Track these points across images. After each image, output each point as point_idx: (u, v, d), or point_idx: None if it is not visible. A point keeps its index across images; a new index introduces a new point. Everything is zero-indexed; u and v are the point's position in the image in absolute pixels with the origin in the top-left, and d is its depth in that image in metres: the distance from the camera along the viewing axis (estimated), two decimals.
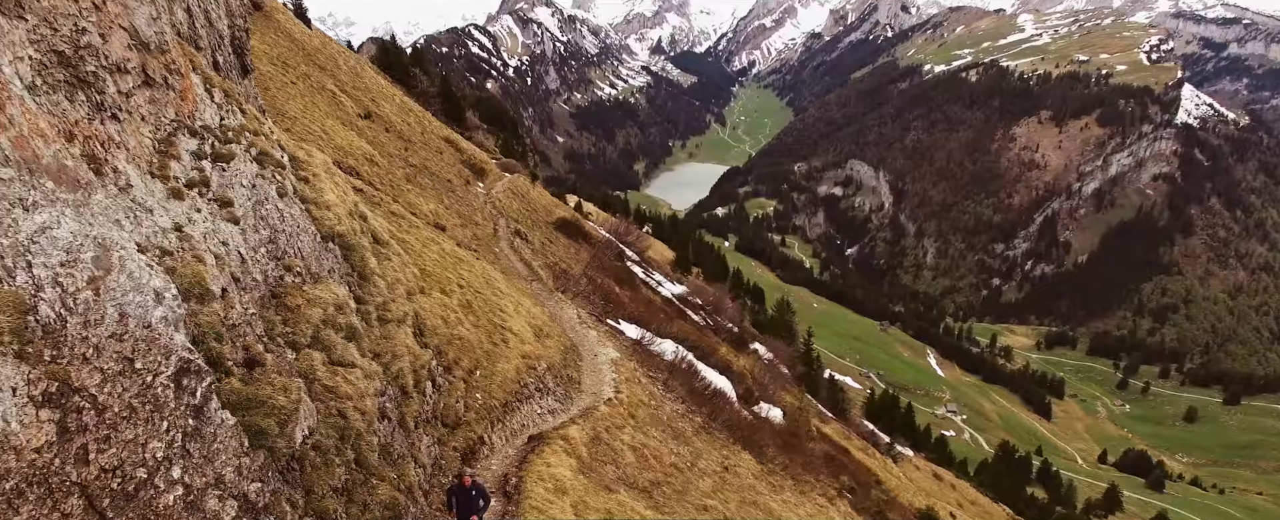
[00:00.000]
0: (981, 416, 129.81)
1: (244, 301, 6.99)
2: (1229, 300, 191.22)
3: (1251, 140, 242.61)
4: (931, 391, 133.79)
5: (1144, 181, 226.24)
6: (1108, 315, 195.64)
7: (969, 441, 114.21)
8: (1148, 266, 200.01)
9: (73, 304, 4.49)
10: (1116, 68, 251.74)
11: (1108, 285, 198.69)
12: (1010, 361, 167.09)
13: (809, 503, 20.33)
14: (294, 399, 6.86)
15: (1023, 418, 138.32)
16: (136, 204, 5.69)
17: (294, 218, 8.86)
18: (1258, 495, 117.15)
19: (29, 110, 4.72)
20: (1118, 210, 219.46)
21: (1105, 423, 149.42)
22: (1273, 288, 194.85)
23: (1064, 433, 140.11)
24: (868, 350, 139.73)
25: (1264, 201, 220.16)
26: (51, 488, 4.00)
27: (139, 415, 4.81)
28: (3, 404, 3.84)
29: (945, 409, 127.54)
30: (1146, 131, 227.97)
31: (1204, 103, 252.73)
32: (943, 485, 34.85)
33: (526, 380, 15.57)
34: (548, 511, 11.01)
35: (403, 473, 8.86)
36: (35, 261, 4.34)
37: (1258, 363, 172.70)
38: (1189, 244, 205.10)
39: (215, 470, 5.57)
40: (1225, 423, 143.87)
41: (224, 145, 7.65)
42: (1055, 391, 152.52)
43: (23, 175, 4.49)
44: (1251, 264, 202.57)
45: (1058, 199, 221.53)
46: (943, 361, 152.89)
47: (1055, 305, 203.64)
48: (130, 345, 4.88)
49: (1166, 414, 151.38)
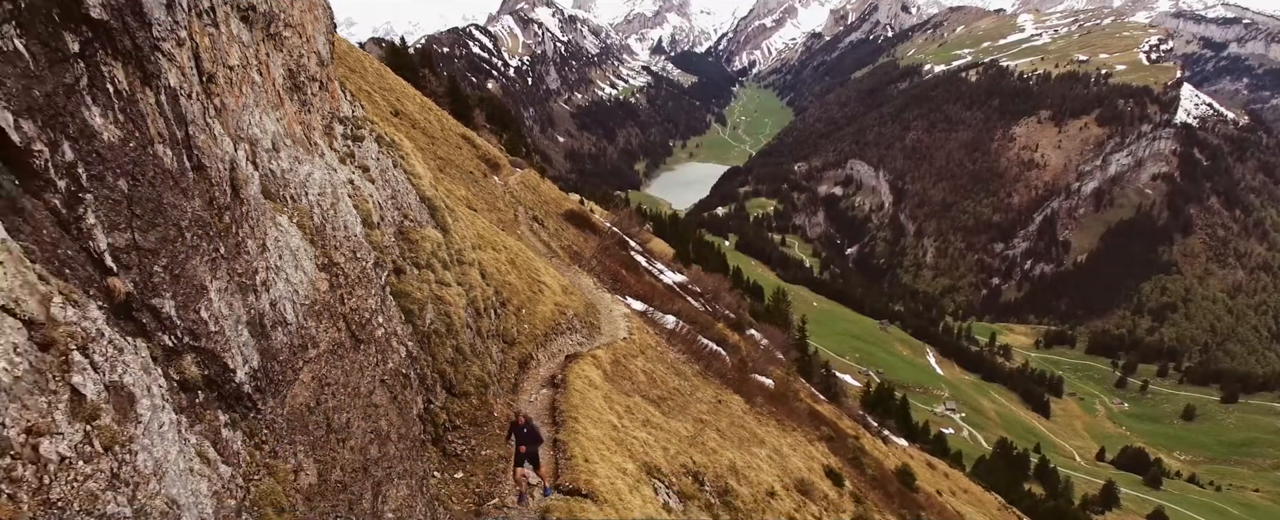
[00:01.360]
0: (980, 414, 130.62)
1: (387, 232, 11.09)
2: (1228, 299, 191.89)
3: (1251, 140, 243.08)
4: (930, 390, 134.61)
5: (1143, 181, 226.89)
6: (1107, 314, 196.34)
7: (968, 439, 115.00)
8: (1147, 266, 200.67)
9: (325, 216, 8.31)
10: (1116, 68, 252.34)
11: (1107, 284, 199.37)
12: (1009, 360, 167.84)
13: (789, 437, 23.23)
14: (424, 294, 11.49)
15: (1021, 416, 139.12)
16: (329, 164, 9.16)
17: (402, 181, 13.03)
18: (1254, 492, 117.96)
19: (288, 105, 8.07)
20: (1117, 210, 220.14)
21: (1104, 421, 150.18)
22: (1272, 287, 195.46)
23: (1062, 431, 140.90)
24: (867, 349, 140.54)
25: (1263, 201, 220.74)
26: (332, 314, 7.80)
27: (361, 282, 8.71)
28: (307, 266, 7.48)
29: (944, 407, 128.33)
30: (1146, 131, 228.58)
31: (1203, 102, 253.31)
32: (936, 474, 35.69)
33: (559, 320, 19.42)
34: (586, 396, 15.17)
35: (484, 364, 13.43)
36: (309, 192, 8.03)
37: (1257, 362, 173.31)
38: (1188, 243, 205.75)
39: (393, 327, 9.76)
40: (1223, 421, 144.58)
41: (357, 130, 11.44)
42: (1054, 390, 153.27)
43: (294, 144, 8.00)
44: (1250, 263, 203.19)
45: (1057, 198, 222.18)
46: (942, 360, 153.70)
47: (1055, 304, 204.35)
48: (352, 244, 8.83)
49: (1165, 412, 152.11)
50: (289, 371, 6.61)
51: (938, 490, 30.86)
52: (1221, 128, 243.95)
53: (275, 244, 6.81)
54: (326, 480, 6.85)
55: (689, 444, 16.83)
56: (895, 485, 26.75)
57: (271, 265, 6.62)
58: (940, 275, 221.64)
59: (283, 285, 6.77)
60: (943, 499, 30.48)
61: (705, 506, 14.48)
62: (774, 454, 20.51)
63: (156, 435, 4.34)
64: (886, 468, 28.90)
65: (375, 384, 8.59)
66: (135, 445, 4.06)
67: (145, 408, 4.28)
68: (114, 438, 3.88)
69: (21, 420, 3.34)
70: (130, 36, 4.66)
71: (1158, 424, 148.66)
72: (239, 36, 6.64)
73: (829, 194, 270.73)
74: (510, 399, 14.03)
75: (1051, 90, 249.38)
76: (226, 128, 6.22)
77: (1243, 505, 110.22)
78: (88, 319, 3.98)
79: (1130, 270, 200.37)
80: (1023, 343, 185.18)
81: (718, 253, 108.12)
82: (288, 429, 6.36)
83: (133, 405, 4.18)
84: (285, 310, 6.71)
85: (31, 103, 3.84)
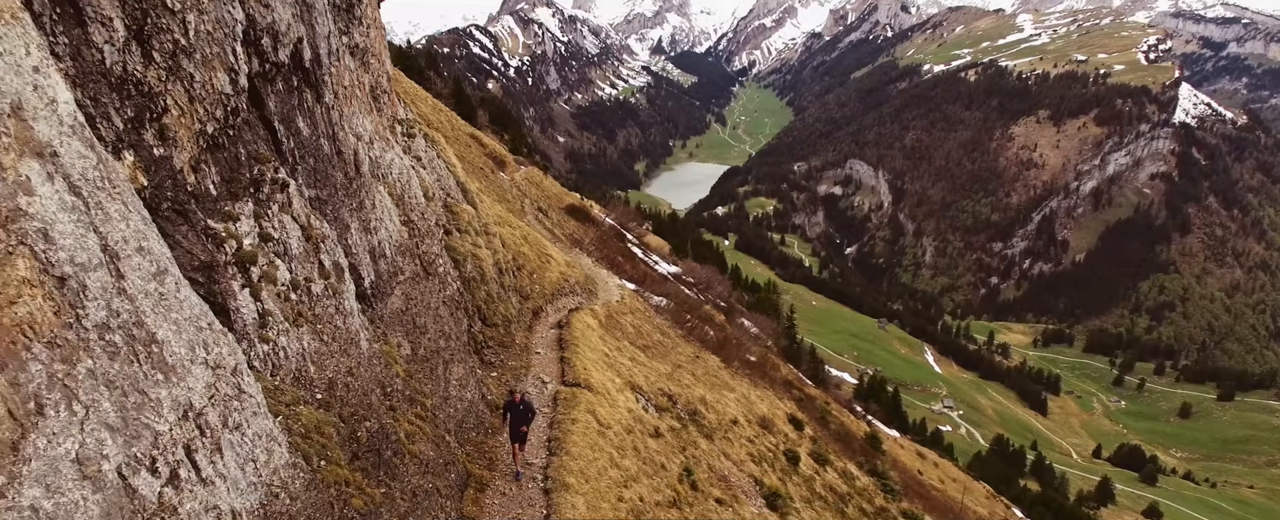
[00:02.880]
0: (978, 412, 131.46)
1: (437, 204, 15.36)
2: (1226, 298, 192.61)
3: (1249, 139, 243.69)
4: (928, 388, 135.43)
5: (1141, 181, 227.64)
6: (1105, 313, 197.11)
7: (965, 436, 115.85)
8: (1145, 265, 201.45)
9: (403, 189, 12.56)
10: (1114, 67, 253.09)
11: (1105, 284, 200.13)
12: (1007, 358, 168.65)
13: (760, 392, 26.19)
14: (465, 250, 15.88)
15: (1019, 413, 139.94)
16: (398, 154, 12.93)
17: (443, 169, 17.42)
18: (1248, 488, 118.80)
19: (373, 111, 11.45)
20: (1115, 209, 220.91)
21: (1101, 418, 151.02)
22: (1269, 286, 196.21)
23: (1059, 428, 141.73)
24: (865, 347, 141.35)
25: (1261, 200, 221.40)
26: (412, 254, 11.90)
27: (427, 235, 13.17)
28: (396, 220, 11.41)
29: (942, 404, 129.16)
30: (1144, 131, 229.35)
31: (1202, 102, 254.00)
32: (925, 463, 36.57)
33: (563, 284, 23.68)
34: (585, 333, 19.15)
35: (507, 307, 17.77)
36: (392, 172, 12.29)
37: (1254, 360, 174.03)
38: (1186, 242, 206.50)
39: (448, 269, 14.27)
40: (1219, 418, 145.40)
41: (410, 129, 15.58)
42: (1051, 388, 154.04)
43: (380, 139, 11.82)
44: (1248, 262, 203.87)
45: (1055, 198, 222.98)
46: (940, 358, 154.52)
47: (1053, 303, 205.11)
48: (420, 208, 13.25)
49: (1161, 410, 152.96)
50: (389, 286, 10.49)
51: (918, 470, 31.89)
52: (1220, 127, 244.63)
53: (378, 204, 10.61)
54: (416, 354, 10.87)
55: (666, 378, 20.24)
56: (859, 442, 27.84)
57: (378, 217, 10.45)
58: (939, 274, 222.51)
59: (383, 231, 10.62)
60: (922, 477, 31.61)
61: (676, 419, 17.56)
62: (742, 399, 23.29)
63: (352, 311, 8.54)
64: (853, 430, 30.21)
65: (439, 303, 12.81)
66: (345, 301, 8.34)
67: (349, 287, 8.52)
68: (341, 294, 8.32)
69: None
70: (309, 68, 8.00)
71: (1154, 422, 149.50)
72: (348, 65, 9.97)
73: (828, 193, 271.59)
74: (526, 334, 18.31)
75: (1050, 90, 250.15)
76: (348, 127, 9.65)
77: (1236, 501, 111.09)
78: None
79: (1128, 269, 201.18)
80: (1021, 341, 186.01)
81: (716, 251, 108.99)
82: (390, 322, 10.24)
83: (341, 280, 8.24)
84: (385, 248, 10.57)
85: (282, 114, 7.46)
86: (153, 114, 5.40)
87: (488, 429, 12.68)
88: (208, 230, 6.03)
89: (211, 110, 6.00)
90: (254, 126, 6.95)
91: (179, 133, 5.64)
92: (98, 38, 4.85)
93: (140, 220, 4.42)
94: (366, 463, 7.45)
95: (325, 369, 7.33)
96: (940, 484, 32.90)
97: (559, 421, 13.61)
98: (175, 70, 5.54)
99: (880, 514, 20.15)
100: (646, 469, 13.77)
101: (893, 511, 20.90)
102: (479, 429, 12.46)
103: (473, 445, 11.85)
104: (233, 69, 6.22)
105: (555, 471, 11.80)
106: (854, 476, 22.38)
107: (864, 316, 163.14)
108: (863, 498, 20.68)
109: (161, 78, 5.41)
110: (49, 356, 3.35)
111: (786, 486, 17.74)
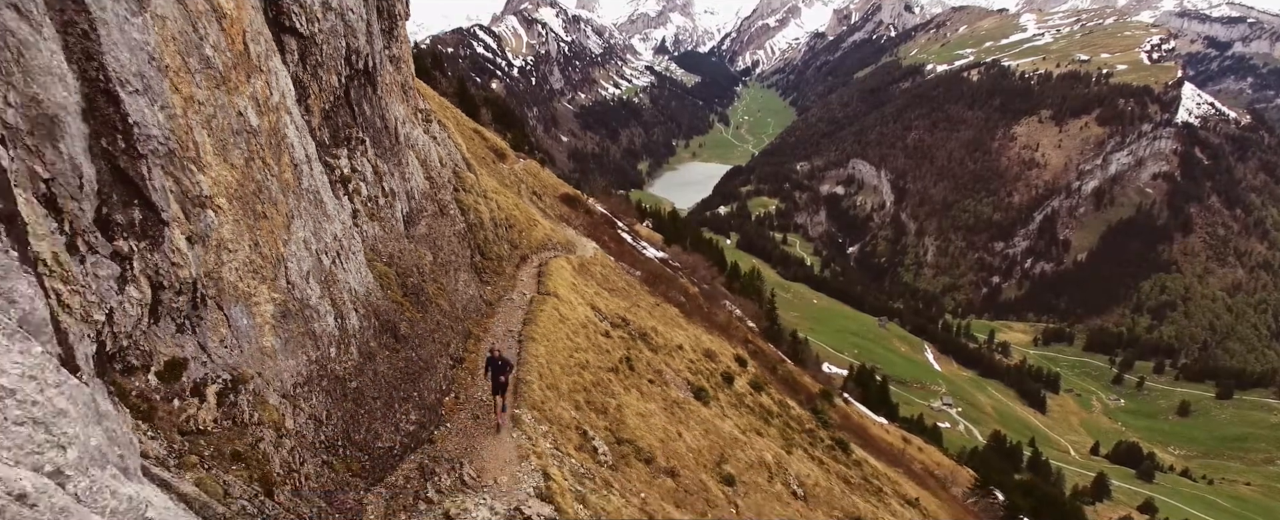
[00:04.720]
0: (977, 410, 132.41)
1: (448, 170, 22.46)
2: (1228, 298, 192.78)
3: (1252, 139, 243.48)
4: (928, 385, 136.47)
5: (1143, 180, 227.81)
6: (1107, 313, 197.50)
7: (964, 433, 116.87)
8: (1146, 264, 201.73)
9: (425, 155, 20.13)
10: (1117, 67, 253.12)
11: (1107, 283, 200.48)
12: (1007, 357, 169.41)
13: (713, 336, 30.22)
14: (469, 203, 22.90)
15: (1017, 411, 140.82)
16: (419, 131, 20.12)
17: (452, 146, 24.24)
18: (1245, 485, 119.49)
19: (405, 101, 18.79)
20: (1117, 209, 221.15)
21: (1099, 416, 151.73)
22: (1271, 285, 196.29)
23: (1058, 426, 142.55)
24: (866, 345, 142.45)
25: (1264, 200, 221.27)
26: (432, 200, 19.39)
27: (443, 188, 20.87)
28: (421, 175, 18.74)
29: (941, 402, 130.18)
30: (1146, 130, 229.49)
31: (1205, 102, 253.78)
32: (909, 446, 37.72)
33: (546, 243, 29.19)
34: (560, 272, 24.55)
35: (500, 249, 23.88)
36: (417, 144, 19.71)
37: (1256, 359, 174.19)
38: (1188, 242, 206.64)
39: (458, 214, 21.77)
40: (1217, 416, 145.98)
41: (428, 116, 22.12)
42: (1051, 386, 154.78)
43: (408, 120, 18.86)
44: (1250, 262, 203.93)
45: (1057, 197, 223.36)
46: (940, 356, 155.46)
47: (1055, 303, 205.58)
48: (437, 170, 20.90)
49: (1160, 408, 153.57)
50: (418, 218, 16.49)
51: (893, 444, 33.23)
52: (1223, 127, 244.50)
53: (410, 163, 16.39)
54: (436, 261, 16.83)
55: (624, 310, 25.24)
56: (807, 391, 29.41)
57: (410, 172, 16.33)
58: (941, 274, 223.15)
59: (414, 181, 16.57)
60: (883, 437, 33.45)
61: (626, 334, 22.13)
62: (692, 337, 27.82)
63: (401, 219, 15.65)
64: (805, 384, 31.98)
65: (451, 235, 18.86)
66: (397, 212, 15.44)
67: (399, 204, 15.62)
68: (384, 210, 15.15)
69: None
70: (371, 72, 13.25)
71: (1153, 420, 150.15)
72: (389, 69, 15.03)
73: (831, 193, 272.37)
74: (514, 269, 24.11)
75: (1052, 90, 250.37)
76: (390, 111, 14.85)
77: (1233, 498, 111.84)
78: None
79: (1130, 269, 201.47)
80: (1021, 340, 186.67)
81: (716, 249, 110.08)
82: (417, 242, 15.97)
83: (393, 201, 15.03)
84: (415, 193, 16.44)
85: (357, 100, 13.03)
86: (301, 98, 10.45)
87: (482, 313, 18.76)
88: (326, 162, 11.45)
89: (327, 96, 11.22)
90: (344, 106, 12.01)
91: (313, 107, 10.85)
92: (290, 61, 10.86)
93: (315, 148, 10.57)
94: (411, 300, 13.61)
95: (387, 247, 13.55)
96: (919, 452, 34.30)
97: (532, 314, 19.20)
98: (314, 76, 10.84)
99: (808, 435, 21.94)
100: (594, 349, 18.74)
101: (821, 436, 22.56)
102: (476, 312, 18.46)
103: (472, 320, 17.72)
104: (339, 74, 11.43)
105: (526, 333, 17.58)
106: (789, 406, 24.58)
107: (865, 315, 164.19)
108: (793, 421, 22.63)
109: (307, 79, 10.67)
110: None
111: (717, 395, 21.43)
